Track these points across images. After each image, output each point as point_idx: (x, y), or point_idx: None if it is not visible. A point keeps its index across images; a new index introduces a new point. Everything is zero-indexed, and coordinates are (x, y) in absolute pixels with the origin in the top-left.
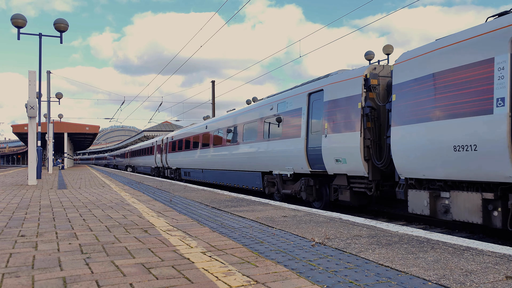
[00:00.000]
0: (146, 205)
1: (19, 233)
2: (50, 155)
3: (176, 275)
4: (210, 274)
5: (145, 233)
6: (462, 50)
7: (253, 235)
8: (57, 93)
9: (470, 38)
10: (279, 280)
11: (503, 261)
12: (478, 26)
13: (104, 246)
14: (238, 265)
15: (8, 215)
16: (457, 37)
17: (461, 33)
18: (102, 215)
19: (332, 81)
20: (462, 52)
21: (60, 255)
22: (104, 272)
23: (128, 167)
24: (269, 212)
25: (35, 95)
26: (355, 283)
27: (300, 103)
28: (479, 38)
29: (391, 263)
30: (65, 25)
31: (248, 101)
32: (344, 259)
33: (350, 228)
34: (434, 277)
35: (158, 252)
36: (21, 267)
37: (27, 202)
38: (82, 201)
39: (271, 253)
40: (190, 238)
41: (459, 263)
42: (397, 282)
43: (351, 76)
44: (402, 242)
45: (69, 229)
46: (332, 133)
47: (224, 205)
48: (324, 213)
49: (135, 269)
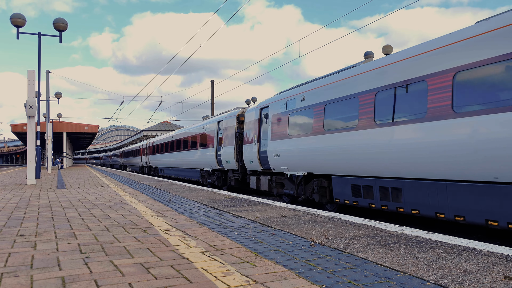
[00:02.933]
0: (145, 205)
1: (18, 233)
2: (49, 155)
3: (175, 275)
4: (209, 274)
5: (144, 233)
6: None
7: (252, 235)
8: (56, 93)
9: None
10: (278, 280)
11: (501, 262)
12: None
13: (103, 245)
14: (237, 265)
15: (7, 215)
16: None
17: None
18: (101, 214)
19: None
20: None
21: (59, 254)
22: (103, 271)
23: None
24: (268, 212)
25: (34, 95)
26: (354, 283)
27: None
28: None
29: (390, 263)
30: (64, 25)
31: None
32: (343, 259)
33: (349, 228)
34: (433, 277)
35: (157, 252)
36: (20, 267)
37: (26, 201)
38: (81, 201)
39: (270, 253)
40: (189, 238)
41: (458, 263)
42: (396, 282)
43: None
44: (401, 242)
45: (68, 229)
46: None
47: (223, 205)
48: (323, 213)
49: (134, 269)
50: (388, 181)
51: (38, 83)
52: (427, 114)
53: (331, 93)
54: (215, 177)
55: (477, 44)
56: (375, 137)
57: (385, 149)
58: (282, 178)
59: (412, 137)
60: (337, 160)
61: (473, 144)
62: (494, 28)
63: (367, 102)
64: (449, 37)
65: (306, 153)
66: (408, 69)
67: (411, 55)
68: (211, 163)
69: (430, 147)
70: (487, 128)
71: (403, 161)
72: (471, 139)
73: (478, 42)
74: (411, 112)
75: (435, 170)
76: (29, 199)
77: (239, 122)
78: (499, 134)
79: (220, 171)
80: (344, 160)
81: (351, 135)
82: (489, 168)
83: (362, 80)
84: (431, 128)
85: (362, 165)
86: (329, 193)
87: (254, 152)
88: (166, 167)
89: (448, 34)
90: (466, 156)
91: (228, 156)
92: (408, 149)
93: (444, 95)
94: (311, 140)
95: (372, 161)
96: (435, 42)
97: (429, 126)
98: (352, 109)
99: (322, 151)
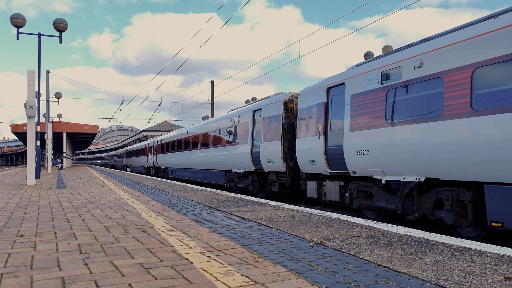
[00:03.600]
0: (145, 205)
1: (18, 233)
2: (49, 155)
3: (175, 275)
4: (209, 274)
5: (144, 233)
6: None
7: (252, 236)
8: (56, 93)
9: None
10: (278, 280)
11: (501, 262)
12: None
13: (103, 246)
14: (237, 266)
15: (7, 215)
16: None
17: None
18: (101, 215)
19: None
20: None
21: (59, 255)
22: (103, 272)
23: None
24: (268, 212)
25: (34, 95)
26: (354, 283)
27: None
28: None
29: (390, 264)
30: (64, 25)
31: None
32: (343, 260)
33: (349, 229)
34: (433, 278)
35: (157, 252)
36: (20, 267)
37: (26, 202)
38: (81, 201)
39: (270, 254)
40: (189, 238)
41: (458, 264)
42: (396, 282)
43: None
44: (401, 243)
45: (68, 229)
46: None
47: (223, 205)
48: (323, 214)
49: (134, 269)
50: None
51: (38, 83)
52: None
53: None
54: (249, 181)
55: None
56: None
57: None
58: (368, 185)
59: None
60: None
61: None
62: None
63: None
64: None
65: (425, 147)
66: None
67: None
68: (243, 163)
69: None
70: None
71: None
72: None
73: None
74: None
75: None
76: (29, 200)
77: (288, 110)
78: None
79: (256, 173)
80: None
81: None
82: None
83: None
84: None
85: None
86: (473, 211)
87: (319, 149)
88: (178, 168)
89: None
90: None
91: (271, 154)
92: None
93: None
94: (437, 126)
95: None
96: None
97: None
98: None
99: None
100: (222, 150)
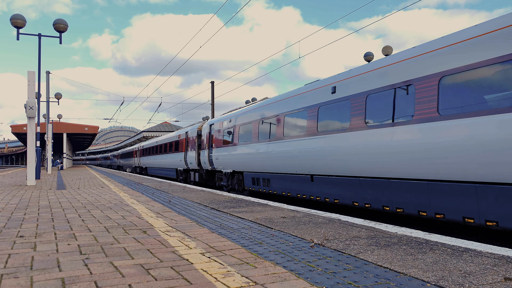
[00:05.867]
0: (145, 206)
1: (18, 234)
2: (49, 156)
3: (175, 276)
4: (209, 275)
5: (144, 234)
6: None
7: (252, 236)
8: (56, 94)
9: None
10: (278, 281)
11: (501, 263)
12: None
13: (103, 247)
14: (237, 266)
15: (7, 216)
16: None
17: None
18: (101, 215)
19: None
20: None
21: (59, 255)
22: (103, 273)
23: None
24: (268, 213)
25: (34, 96)
26: (354, 284)
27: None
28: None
29: (390, 264)
30: (64, 26)
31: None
32: (343, 260)
33: (349, 229)
34: (433, 279)
35: (157, 253)
36: (20, 268)
37: (26, 202)
38: (81, 202)
39: (270, 254)
40: (189, 239)
41: (458, 265)
42: (396, 283)
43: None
44: (401, 243)
45: (68, 230)
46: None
47: (223, 206)
48: (323, 214)
49: (134, 270)
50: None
51: (38, 84)
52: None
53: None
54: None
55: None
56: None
57: None
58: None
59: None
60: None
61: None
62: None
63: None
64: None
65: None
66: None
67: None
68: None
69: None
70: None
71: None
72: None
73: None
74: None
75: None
76: (29, 200)
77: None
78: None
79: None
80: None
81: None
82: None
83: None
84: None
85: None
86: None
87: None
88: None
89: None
90: None
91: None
92: None
93: None
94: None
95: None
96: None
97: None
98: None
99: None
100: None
